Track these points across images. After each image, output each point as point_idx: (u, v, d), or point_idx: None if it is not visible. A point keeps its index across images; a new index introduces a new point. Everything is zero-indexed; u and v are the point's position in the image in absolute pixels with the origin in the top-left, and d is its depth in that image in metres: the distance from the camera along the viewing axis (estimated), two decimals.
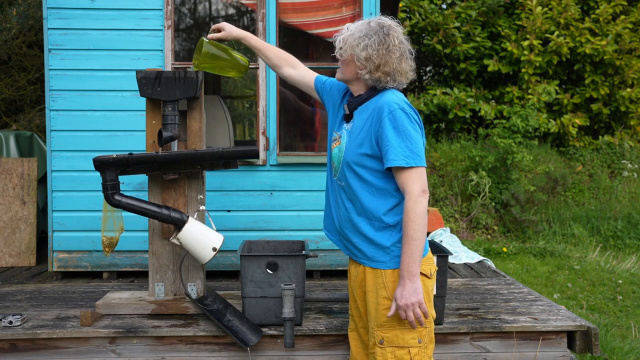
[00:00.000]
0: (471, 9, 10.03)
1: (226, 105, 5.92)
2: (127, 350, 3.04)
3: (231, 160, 3.16)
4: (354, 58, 2.31)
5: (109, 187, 3.00)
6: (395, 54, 2.29)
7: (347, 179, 2.35)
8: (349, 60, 2.34)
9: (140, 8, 4.19)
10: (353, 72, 2.36)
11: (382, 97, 2.32)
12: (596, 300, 5.53)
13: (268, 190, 4.25)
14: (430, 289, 2.33)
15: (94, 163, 2.99)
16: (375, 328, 2.30)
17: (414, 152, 2.22)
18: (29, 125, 7.06)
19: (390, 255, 2.29)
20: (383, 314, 2.27)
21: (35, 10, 6.88)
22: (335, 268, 4.31)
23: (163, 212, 3.06)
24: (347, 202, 2.38)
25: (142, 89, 3.16)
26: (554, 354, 3.15)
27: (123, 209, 3.06)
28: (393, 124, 2.23)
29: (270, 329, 3.06)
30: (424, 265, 2.28)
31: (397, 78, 2.33)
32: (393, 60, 2.29)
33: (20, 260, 4.77)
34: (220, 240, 3.06)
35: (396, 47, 2.29)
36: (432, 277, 2.34)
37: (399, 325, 2.25)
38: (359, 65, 2.31)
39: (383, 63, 2.28)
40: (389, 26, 2.32)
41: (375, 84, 2.34)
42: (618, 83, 9.84)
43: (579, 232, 7.94)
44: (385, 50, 2.27)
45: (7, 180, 4.85)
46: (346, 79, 2.41)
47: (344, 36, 2.35)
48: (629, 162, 9.56)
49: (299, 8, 4.34)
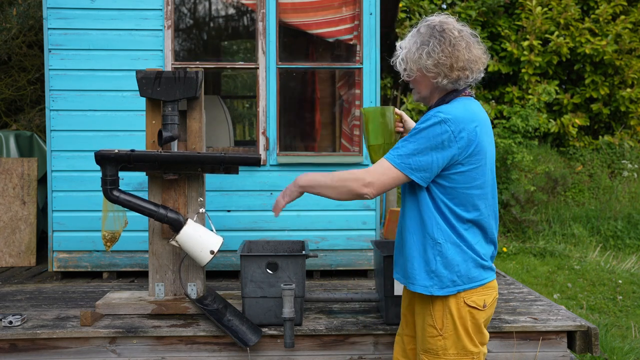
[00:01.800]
0: (471, 9, 10.03)
1: (226, 105, 5.92)
2: (127, 350, 3.04)
3: (232, 166, 3.16)
4: (424, 71, 2.15)
5: (108, 182, 3.01)
6: (461, 44, 2.11)
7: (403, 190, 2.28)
8: (419, 76, 2.18)
9: (140, 8, 4.19)
10: (429, 85, 2.19)
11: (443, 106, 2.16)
12: (596, 300, 5.53)
13: (268, 190, 4.24)
14: (481, 322, 2.16)
15: (96, 157, 3.00)
16: (421, 352, 2.23)
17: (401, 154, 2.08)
18: (29, 125, 7.06)
19: (434, 280, 2.14)
20: (428, 341, 2.18)
21: (35, 10, 6.88)
22: (335, 268, 4.32)
23: (160, 212, 3.06)
24: (400, 218, 2.30)
25: (142, 89, 3.16)
26: (554, 354, 3.15)
27: (120, 205, 3.07)
28: (416, 126, 2.10)
29: (270, 329, 3.06)
30: (475, 296, 2.14)
31: (474, 68, 2.14)
32: (462, 52, 2.11)
33: (20, 260, 4.77)
34: (219, 243, 3.06)
35: (458, 39, 2.11)
36: (484, 309, 2.16)
37: (444, 354, 2.16)
38: (431, 75, 2.14)
39: (454, 60, 2.10)
40: (439, 22, 2.16)
41: (456, 85, 2.16)
42: (618, 83, 9.84)
43: (579, 232, 7.94)
44: (450, 48, 2.10)
45: (7, 180, 4.85)
46: (424, 95, 2.23)
47: (402, 56, 2.19)
48: (629, 162, 9.56)
49: (299, 8, 4.34)
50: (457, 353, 2.16)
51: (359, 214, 4.26)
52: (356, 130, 4.39)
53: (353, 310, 3.38)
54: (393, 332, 3.05)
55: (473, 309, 2.14)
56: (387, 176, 2.10)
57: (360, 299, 3.35)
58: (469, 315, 2.14)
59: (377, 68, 4.25)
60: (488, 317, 2.21)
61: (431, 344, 2.18)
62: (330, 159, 4.31)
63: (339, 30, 4.40)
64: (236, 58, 10.22)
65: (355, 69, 4.30)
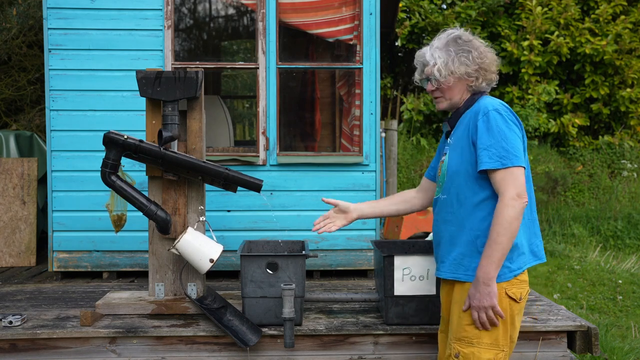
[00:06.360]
0: (471, 9, 10.03)
1: (226, 105, 5.92)
2: (127, 350, 3.03)
3: (231, 185, 3.16)
4: (464, 76, 2.35)
5: (109, 166, 3.04)
6: (487, 50, 2.36)
7: (450, 190, 2.33)
8: (454, 83, 2.36)
9: (140, 8, 4.19)
10: (462, 90, 2.38)
11: (477, 104, 2.34)
12: (596, 300, 5.53)
13: (268, 190, 4.24)
14: (516, 313, 2.26)
15: (104, 138, 3.02)
16: (454, 340, 2.28)
17: (509, 152, 2.17)
18: (29, 125, 7.06)
19: None
20: (464, 329, 2.24)
21: (35, 10, 6.89)
22: (335, 268, 4.32)
23: (150, 208, 3.08)
24: (447, 215, 2.35)
25: (142, 89, 3.16)
26: (554, 354, 3.15)
27: (114, 191, 3.09)
28: (487, 125, 2.22)
29: (270, 329, 3.06)
30: (514, 288, 2.23)
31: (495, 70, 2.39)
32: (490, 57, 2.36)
33: (20, 260, 4.77)
34: (219, 251, 3.07)
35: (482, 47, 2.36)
36: (521, 301, 2.26)
37: (478, 343, 2.21)
38: (472, 79, 2.35)
39: (488, 64, 2.35)
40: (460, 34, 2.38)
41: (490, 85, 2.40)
42: (618, 83, 9.84)
43: (579, 232, 7.94)
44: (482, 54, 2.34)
45: (7, 180, 4.85)
46: (455, 101, 2.40)
47: (438, 66, 2.35)
48: (628, 162, 9.56)
49: (299, 8, 4.34)
50: (490, 343, 2.22)
51: None
52: (356, 130, 4.39)
53: (353, 310, 3.38)
54: (393, 332, 3.05)
55: (512, 300, 2.22)
56: (515, 176, 2.17)
57: (360, 299, 3.35)
58: (508, 307, 2.21)
59: (377, 68, 4.25)
60: (520, 311, 2.28)
61: (467, 331, 2.23)
62: (330, 159, 4.31)
63: (339, 30, 4.40)
64: (236, 58, 10.22)
65: (355, 69, 4.30)
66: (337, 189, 4.26)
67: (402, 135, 9.80)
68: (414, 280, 3.02)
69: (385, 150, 7.10)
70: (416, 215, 5.41)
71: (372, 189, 4.27)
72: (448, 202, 2.34)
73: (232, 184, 3.17)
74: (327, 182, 4.27)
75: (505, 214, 2.12)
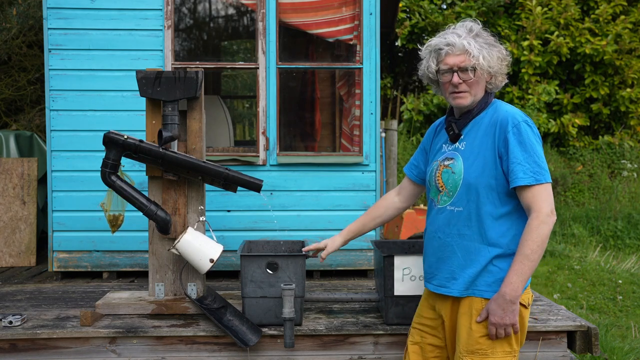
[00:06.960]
0: (471, 9, 10.03)
1: (226, 105, 5.92)
2: (127, 350, 3.03)
3: (231, 185, 3.16)
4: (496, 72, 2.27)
5: (109, 166, 3.04)
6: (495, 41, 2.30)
7: (467, 203, 2.21)
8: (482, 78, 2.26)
9: (140, 8, 4.19)
10: (483, 86, 2.28)
11: (496, 110, 2.24)
12: (596, 300, 5.53)
13: (268, 190, 4.24)
14: (526, 321, 2.24)
15: (104, 138, 3.02)
16: (465, 353, 2.22)
17: (542, 168, 2.12)
18: (29, 125, 7.06)
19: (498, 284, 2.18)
20: (477, 341, 2.19)
21: (35, 10, 6.89)
22: (335, 268, 4.31)
23: (150, 208, 3.08)
24: (463, 229, 2.23)
25: (142, 89, 3.16)
26: (554, 354, 3.15)
27: (115, 191, 3.09)
28: (518, 138, 2.13)
29: (270, 329, 3.06)
30: (524, 296, 2.19)
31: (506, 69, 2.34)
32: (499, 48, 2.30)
33: (20, 260, 4.77)
34: (219, 251, 3.07)
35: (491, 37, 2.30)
36: (529, 307, 2.25)
37: (492, 353, 2.18)
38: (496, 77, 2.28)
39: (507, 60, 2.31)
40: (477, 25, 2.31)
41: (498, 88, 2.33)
42: (618, 83, 9.84)
43: (579, 232, 7.94)
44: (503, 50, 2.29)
45: (7, 180, 4.85)
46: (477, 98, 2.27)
47: (483, 55, 2.22)
48: (628, 162, 9.56)
49: (299, 8, 4.34)
50: (503, 351, 2.20)
51: (358, 214, 4.25)
52: (356, 130, 4.39)
53: (353, 310, 3.38)
54: (393, 332, 3.05)
55: (523, 307, 2.20)
56: (548, 192, 2.15)
57: (360, 299, 3.35)
58: (520, 315, 2.19)
59: (377, 68, 4.25)
60: (527, 317, 2.27)
61: (480, 343, 2.20)
62: (330, 159, 4.31)
63: (339, 30, 4.40)
64: (236, 58, 10.22)
65: (355, 69, 4.30)
66: (337, 189, 4.26)
67: (402, 135, 9.81)
68: (414, 280, 3.02)
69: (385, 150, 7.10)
70: (416, 215, 5.42)
71: (372, 189, 4.27)
72: (465, 215, 2.22)
73: (232, 184, 3.17)
74: (327, 182, 4.27)
75: (540, 230, 2.08)
